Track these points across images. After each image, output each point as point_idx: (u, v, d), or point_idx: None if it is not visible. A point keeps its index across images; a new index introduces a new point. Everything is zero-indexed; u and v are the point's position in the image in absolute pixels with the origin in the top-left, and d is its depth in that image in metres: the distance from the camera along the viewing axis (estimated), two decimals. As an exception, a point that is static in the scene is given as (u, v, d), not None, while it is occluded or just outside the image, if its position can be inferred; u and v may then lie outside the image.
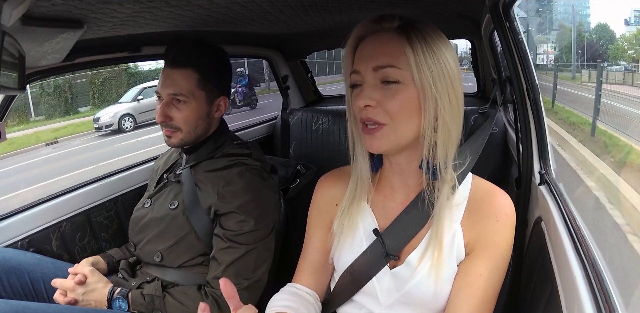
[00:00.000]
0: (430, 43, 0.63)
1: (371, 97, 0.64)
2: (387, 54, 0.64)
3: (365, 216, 0.74)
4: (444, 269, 0.67)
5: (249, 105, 11.23)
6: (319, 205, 0.81)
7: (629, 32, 13.59)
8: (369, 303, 0.74)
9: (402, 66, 0.63)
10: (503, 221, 0.68)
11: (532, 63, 1.01)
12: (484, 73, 1.97)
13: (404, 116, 0.64)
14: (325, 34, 1.42)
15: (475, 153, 0.78)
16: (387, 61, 0.64)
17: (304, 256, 0.82)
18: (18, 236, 1.09)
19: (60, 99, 12.45)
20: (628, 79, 9.52)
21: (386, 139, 0.66)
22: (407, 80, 0.64)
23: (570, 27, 15.31)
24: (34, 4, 0.56)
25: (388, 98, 0.64)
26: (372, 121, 0.65)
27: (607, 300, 0.52)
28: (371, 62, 0.65)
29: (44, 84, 11.94)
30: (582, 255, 0.62)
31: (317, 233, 0.80)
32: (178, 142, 1.04)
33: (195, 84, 1.01)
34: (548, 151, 0.96)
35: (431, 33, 0.65)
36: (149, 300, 0.95)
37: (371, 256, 0.72)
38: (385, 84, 0.64)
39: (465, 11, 1.21)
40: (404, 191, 0.73)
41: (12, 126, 10.69)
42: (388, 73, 0.64)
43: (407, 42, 0.63)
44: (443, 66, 0.64)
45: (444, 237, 0.67)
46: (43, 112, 12.33)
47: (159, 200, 1.09)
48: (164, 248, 1.02)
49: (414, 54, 0.63)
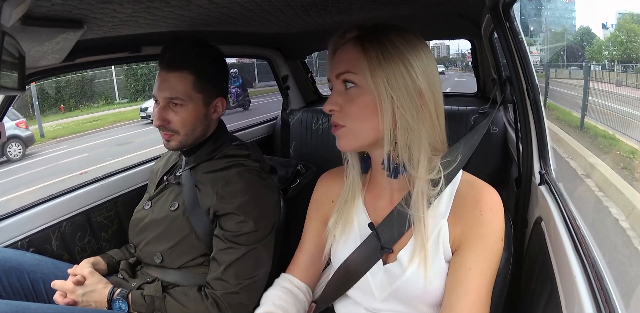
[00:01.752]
0: (387, 47, 0.67)
1: (335, 103, 0.71)
2: (345, 61, 0.70)
3: (360, 213, 0.78)
4: (432, 266, 0.68)
5: (242, 106, 11.44)
6: (317, 200, 0.86)
7: (604, 36, 15.66)
8: (363, 299, 0.76)
9: (356, 71, 0.68)
10: (487, 215, 0.68)
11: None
12: (484, 73, 1.98)
13: (360, 117, 0.69)
14: (325, 34, 1.41)
15: (469, 150, 0.77)
16: (345, 68, 0.70)
17: (300, 248, 0.87)
18: (18, 236, 1.09)
19: (145, 85, 15.36)
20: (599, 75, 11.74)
21: (347, 139, 0.71)
22: (363, 83, 0.68)
23: (555, 30, 16.49)
24: (34, 4, 0.56)
25: (348, 102, 0.70)
26: (334, 124, 0.72)
27: (607, 299, 0.52)
28: (335, 70, 0.71)
29: (129, 72, 15.26)
30: (582, 254, 0.62)
31: (314, 226, 0.85)
32: (177, 145, 1.04)
33: (192, 86, 1.00)
34: (548, 151, 0.96)
35: (393, 38, 0.68)
36: (149, 301, 0.95)
37: (366, 250, 0.74)
38: (346, 89, 0.70)
39: (465, 11, 1.21)
40: (390, 190, 0.76)
41: (97, 107, 14.43)
42: (346, 78, 0.70)
43: (361, 49, 0.69)
44: (402, 67, 0.67)
45: (427, 235, 0.69)
46: (128, 96, 15.52)
47: (159, 201, 1.09)
48: (164, 249, 1.02)
49: (367, 59, 0.67)
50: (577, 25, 18.40)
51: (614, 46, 14.49)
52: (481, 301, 0.66)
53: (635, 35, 13.80)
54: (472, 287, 0.66)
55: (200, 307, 0.94)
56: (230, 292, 0.95)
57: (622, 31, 14.39)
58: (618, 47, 14.23)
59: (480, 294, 0.66)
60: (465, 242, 0.68)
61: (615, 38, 14.68)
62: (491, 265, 0.68)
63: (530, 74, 0.97)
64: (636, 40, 13.68)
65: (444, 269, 0.69)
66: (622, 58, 13.84)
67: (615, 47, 14.43)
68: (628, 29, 14.18)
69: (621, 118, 6.06)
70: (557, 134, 6.04)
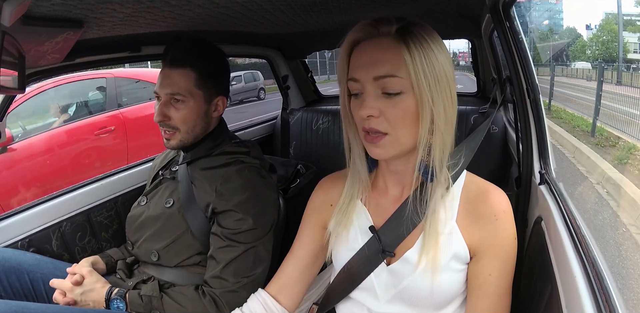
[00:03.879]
0: (426, 48, 0.63)
1: (373, 108, 0.64)
2: (387, 62, 0.63)
3: (360, 214, 0.76)
4: (441, 266, 0.68)
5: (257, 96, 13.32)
6: (314, 205, 0.83)
7: (586, 37, 17.01)
8: (367, 300, 0.74)
9: (402, 75, 0.63)
10: (502, 219, 0.68)
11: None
12: (484, 73, 1.97)
13: (405, 124, 0.64)
14: (325, 33, 1.42)
15: (471, 152, 0.78)
16: (388, 71, 0.63)
17: (289, 257, 0.82)
18: (18, 236, 1.09)
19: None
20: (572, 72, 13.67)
21: (389, 148, 0.66)
22: (407, 89, 0.63)
23: (542, 30, 17.43)
24: (34, 4, 0.56)
25: (390, 108, 0.64)
26: (374, 131, 0.65)
27: (607, 299, 0.52)
28: (371, 71, 0.64)
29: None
30: (582, 254, 0.62)
31: (309, 232, 0.82)
32: (177, 143, 1.04)
33: (193, 83, 1.01)
34: (548, 151, 0.96)
35: (427, 36, 0.64)
36: (146, 301, 0.95)
37: (368, 253, 0.73)
38: (386, 93, 0.64)
39: (465, 11, 1.21)
40: (398, 189, 0.74)
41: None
42: (389, 83, 0.63)
43: (406, 50, 0.62)
44: (439, 70, 0.63)
45: (439, 235, 0.68)
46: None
47: (155, 197, 1.09)
48: (160, 247, 1.02)
49: (412, 62, 0.62)
50: (564, 26, 19.27)
51: (596, 46, 15.60)
52: (501, 301, 0.69)
53: (616, 35, 14.69)
54: (492, 289, 0.68)
55: (198, 305, 0.94)
56: (229, 290, 0.94)
57: (603, 32, 15.43)
58: (600, 46, 15.30)
59: (500, 294, 0.69)
60: (484, 248, 0.68)
61: (597, 38, 15.67)
62: (508, 266, 0.69)
63: (531, 73, 0.97)
64: (616, 40, 14.60)
65: (454, 271, 0.69)
66: (603, 56, 14.72)
67: (597, 47, 15.55)
68: (609, 30, 15.14)
69: (578, 102, 8.33)
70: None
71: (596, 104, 6.60)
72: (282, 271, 0.82)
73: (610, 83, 8.35)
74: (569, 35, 17.95)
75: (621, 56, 12.93)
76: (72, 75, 3.66)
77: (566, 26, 19.38)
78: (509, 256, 0.69)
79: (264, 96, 13.76)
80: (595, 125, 6.39)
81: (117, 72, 4.01)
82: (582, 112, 7.56)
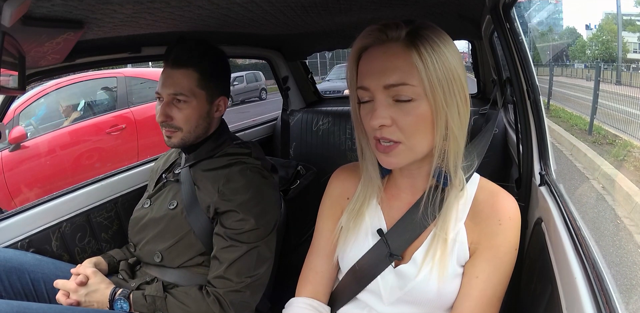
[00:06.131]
0: (437, 51, 0.60)
1: (385, 117, 0.62)
2: (398, 69, 0.60)
3: (373, 215, 0.74)
4: (447, 268, 0.67)
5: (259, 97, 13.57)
6: (332, 196, 0.81)
7: (586, 37, 17.08)
8: (371, 301, 0.74)
9: (414, 82, 0.60)
10: (506, 224, 0.67)
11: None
12: (484, 74, 1.97)
13: (419, 131, 0.62)
14: (326, 34, 1.42)
15: (480, 155, 0.78)
16: (399, 79, 0.60)
17: (312, 253, 0.81)
18: (18, 236, 1.09)
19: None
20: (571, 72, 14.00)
21: (402, 157, 0.64)
22: (420, 96, 0.61)
23: (541, 30, 17.57)
24: (34, 4, 0.56)
25: (402, 116, 0.62)
26: (387, 140, 0.63)
27: (607, 300, 0.52)
28: (381, 79, 0.61)
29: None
30: (582, 255, 0.62)
31: (329, 225, 0.79)
32: (179, 142, 1.04)
33: (196, 83, 1.01)
34: (548, 152, 0.96)
35: (437, 38, 0.61)
36: (150, 301, 0.95)
37: (376, 255, 0.72)
38: (398, 101, 0.62)
39: (465, 12, 1.21)
40: (411, 191, 0.74)
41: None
42: (401, 91, 0.61)
43: (417, 55, 0.60)
44: (452, 73, 0.61)
45: (448, 238, 0.67)
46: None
47: (158, 200, 1.10)
48: (163, 248, 1.02)
49: (425, 68, 0.60)
50: (563, 26, 19.44)
51: (596, 46, 15.71)
52: (481, 307, 0.66)
53: (616, 35, 14.80)
54: (475, 293, 0.66)
55: (201, 305, 0.94)
56: (232, 290, 0.95)
57: (603, 32, 15.52)
58: (600, 46, 15.39)
59: (482, 302, 0.66)
60: (480, 249, 0.68)
61: (597, 38, 15.76)
62: (498, 273, 0.67)
63: (531, 75, 0.97)
64: (615, 40, 14.71)
65: (458, 272, 0.68)
66: (602, 57, 14.86)
67: (597, 47, 15.65)
68: (609, 30, 15.23)
69: (577, 102, 8.54)
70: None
71: (593, 103, 6.69)
72: (311, 269, 0.80)
73: (610, 83, 8.43)
74: (569, 35, 18.02)
75: (620, 56, 12.96)
76: (82, 74, 3.78)
77: (566, 26, 19.45)
78: (503, 264, 0.67)
79: (265, 96, 14.04)
80: (592, 124, 6.45)
81: (128, 72, 4.12)
82: (580, 111, 7.67)
